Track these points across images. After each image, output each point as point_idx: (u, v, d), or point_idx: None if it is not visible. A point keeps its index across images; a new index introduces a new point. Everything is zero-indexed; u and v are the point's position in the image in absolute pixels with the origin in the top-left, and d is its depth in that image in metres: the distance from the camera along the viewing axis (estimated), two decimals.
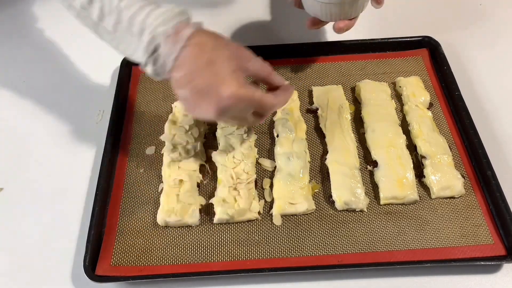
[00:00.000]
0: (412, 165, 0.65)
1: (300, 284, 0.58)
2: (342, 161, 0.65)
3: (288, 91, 0.59)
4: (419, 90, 0.73)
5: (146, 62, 0.53)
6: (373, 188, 0.65)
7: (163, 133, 0.70)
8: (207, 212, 0.63)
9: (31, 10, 0.94)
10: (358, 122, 0.72)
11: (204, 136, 0.71)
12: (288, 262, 0.58)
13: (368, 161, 0.67)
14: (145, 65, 0.53)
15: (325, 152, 0.68)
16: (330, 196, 0.63)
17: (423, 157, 0.66)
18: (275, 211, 0.62)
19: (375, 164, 0.66)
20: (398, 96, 0.75)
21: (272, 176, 0.66)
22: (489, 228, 0.60)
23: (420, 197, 0.63)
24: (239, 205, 0.61)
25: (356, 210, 0.62)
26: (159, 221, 0.62)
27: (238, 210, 0.61)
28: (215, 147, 0.69)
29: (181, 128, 0.68)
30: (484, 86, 0.77)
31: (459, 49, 0.83)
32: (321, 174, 0.67)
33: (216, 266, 0.58)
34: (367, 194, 0.64)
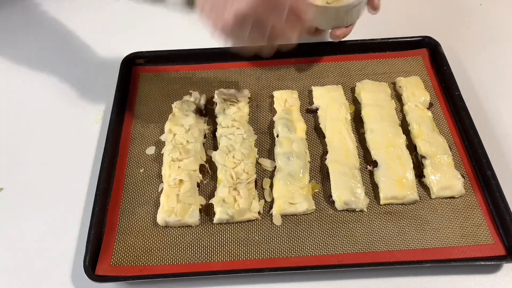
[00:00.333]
0: (412, 165, 0.65)
1: (300, 284, 0.58)
2: (342, 161, 0.65)
3: None
4: (419, 90, 0.73)
5: None
6: (373, 188, 0.65)
7: (163, 133, 0.70)
8: (207, 212, 0.63)
9: (31, 10, 0.94)
10: (358, 122, 0.72)
11: (204, 136, 0.71)
12: (288, 262, 0.58)
13: (368, 161, 0.67)
14: None
15: (325, 152, 0.68)
16: (330, 196, 0.63)
17: (423, 157, 0.66)
18: (275, 211, 0.62)
19: (375, 164, 0.66)
20: (398, 96, 0.75)
21: (272, 176, 0.66)
22: (489, 228, 0.60)
23: (420, 197, 0.63)
24: (239, 205, 0.61)
25: (356, 210, 0.62)
26: (159, 221, 0.62)
27: (238, 210, 0.61)
28: (215, 147, 0.69)
29: (181, 128, 0.69)
30: (484, 86, 0.77)
31: (459, 49, 0.82)
32: (321, 174, 0.67)
33: (216, 266, 0.58)
34: (367, 194, 0.64)
